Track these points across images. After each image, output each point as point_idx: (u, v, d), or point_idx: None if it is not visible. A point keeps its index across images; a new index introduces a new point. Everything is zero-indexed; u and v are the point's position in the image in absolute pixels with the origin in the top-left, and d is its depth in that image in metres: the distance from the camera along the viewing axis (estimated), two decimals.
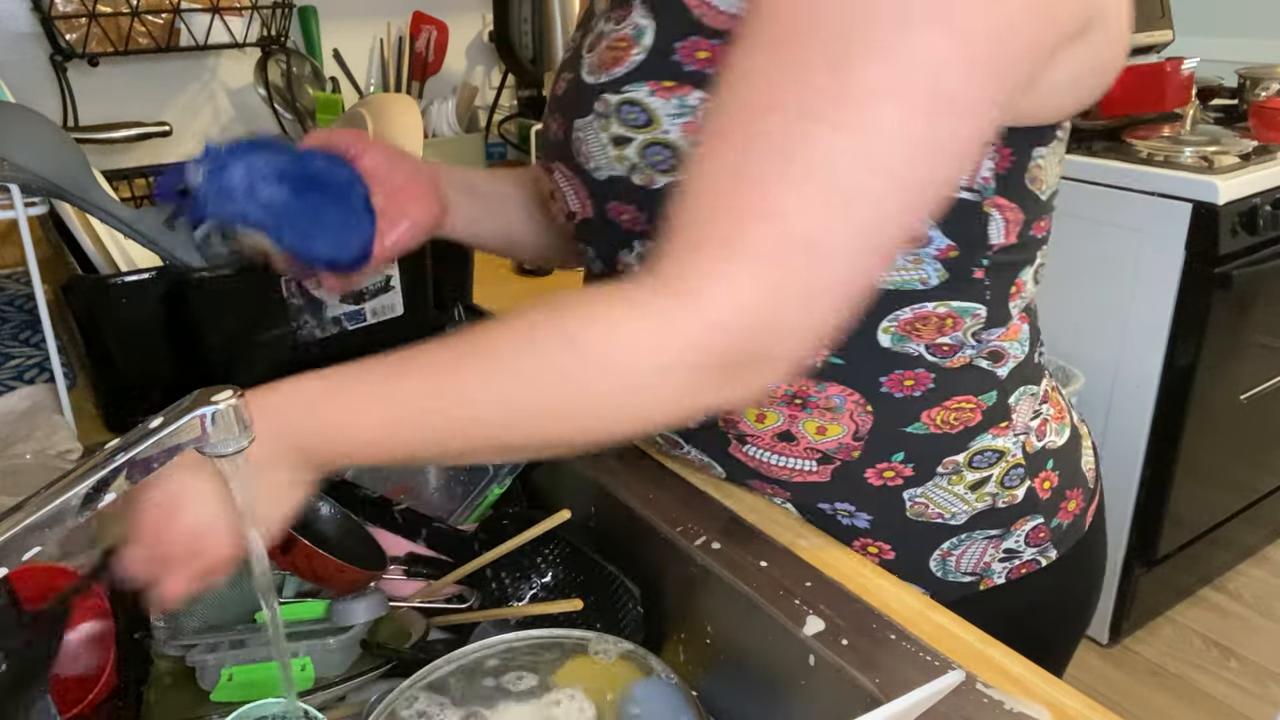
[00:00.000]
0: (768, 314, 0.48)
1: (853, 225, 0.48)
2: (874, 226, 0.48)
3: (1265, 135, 1.88)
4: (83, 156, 0.81)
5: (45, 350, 0.91)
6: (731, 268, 0.48)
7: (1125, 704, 1.88)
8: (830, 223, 0.47)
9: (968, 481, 0.68)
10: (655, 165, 0.61)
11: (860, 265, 0.49)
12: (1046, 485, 0.71)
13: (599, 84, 0.63)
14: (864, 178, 0.47)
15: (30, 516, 0.43)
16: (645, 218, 0.64)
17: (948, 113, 0.47)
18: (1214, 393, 1.83)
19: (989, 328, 0.66)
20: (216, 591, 0.75)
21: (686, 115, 0.59)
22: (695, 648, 0.69)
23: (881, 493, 0.68)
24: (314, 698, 0.65)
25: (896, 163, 0.47)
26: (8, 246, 1.26)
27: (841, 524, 0.70)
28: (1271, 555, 2.27)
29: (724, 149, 0.49)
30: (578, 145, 0.65)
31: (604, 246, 0.70)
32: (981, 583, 0.70)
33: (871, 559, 0.69)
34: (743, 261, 0.47)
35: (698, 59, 0.58)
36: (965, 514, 0.69)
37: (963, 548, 0.69)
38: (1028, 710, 0.53)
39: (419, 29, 1.70)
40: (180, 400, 0.49)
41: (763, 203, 0.47)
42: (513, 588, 0.78)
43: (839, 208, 0.47)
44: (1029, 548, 0.71)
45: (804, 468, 0.69)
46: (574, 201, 0.70)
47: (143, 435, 0.46)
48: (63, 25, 1.37)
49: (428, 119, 1.69)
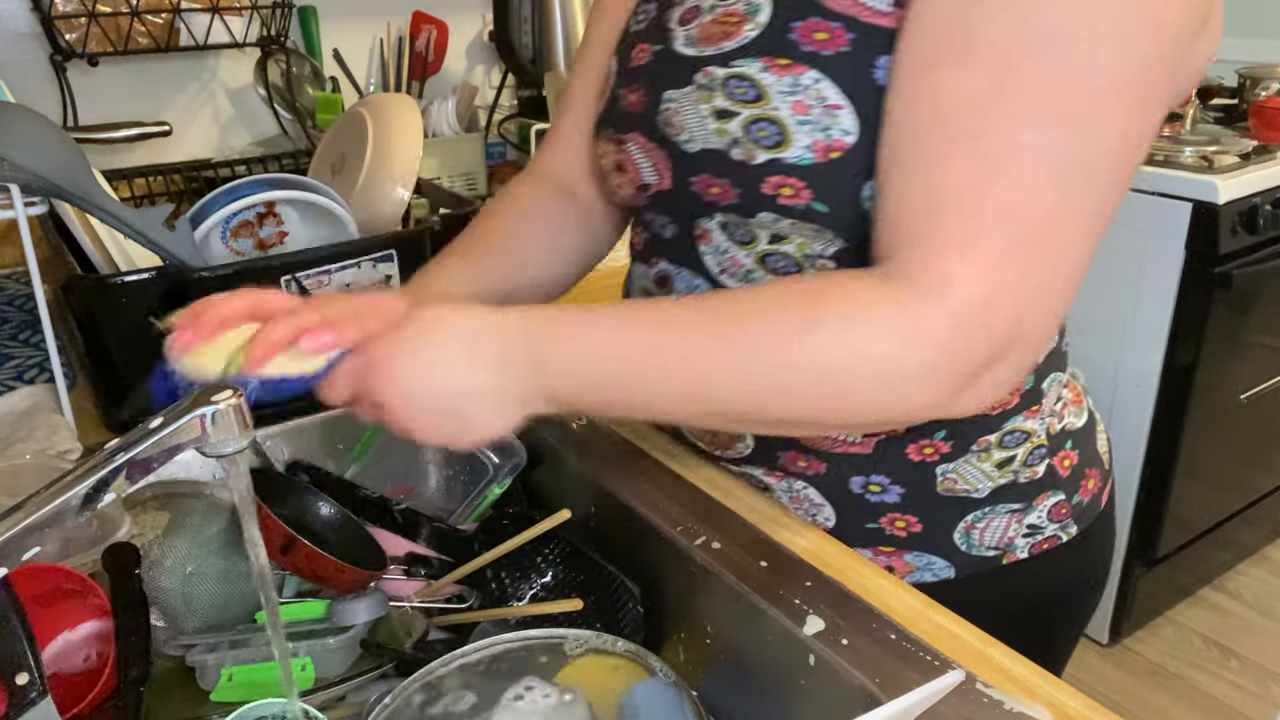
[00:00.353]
0: (1014, 309, 0.51)
1: (1083, 218, 0.51)
2: (1098, 216, 0.52)
3: (1265, 135, 1.88)
4: (83, 156, 0.81)
5: (45, 350, 0.91)
6: (980, 269, 0.50)
7: (1125, 704, 1.88)
8: (1064, 218, 0.51)
9: (995, 460, 0.70)
10: (759, 141, 0.61)
11: (1086, 255, 0.53)
12: (1066, 463, 0.73)
13: (703, 56, 0.63)
14: (1091, 172, 0.51)
15: (30, 516, 0.43)
16: (738, 192, 0.64)
17: (1151, 104, 0.52)
18: (1214, 392, 1.83)
19: None
20: (216, 592, 0.75)
21: (799, 94, 0.59)
22: (695, 648, 0.69)
23: (918, 468, 0.69)
24: (314, 698, 0.65)
25: (1116, 154, 0.51)
26: (8, 246, 1.26)
27: (869, 501, 0.71)
28: (1271, 555, 2.27)
29: (956, 160, 0.51)
30: (667, 117, 0.66)
31: (682, 216, 0.70)
32: (1004, 557, 0.72)
33: (898, 533, 0.71)
34: (990, 262, 0.50)
35: (815, 39, 0.59)
36: (988, 487, 0.70)
37: (986, 521, 0.71)
38: (1028, 710, 0.53)
39: (419, 29, 1.70)
40: (180, 400, 0.49)
41: (1005, 204, 0.50)
42: (513, 588, 0.78)
43: (1072, 203, 0.51)
44: (1051, 523, 0.73)
45: (848, 438, 0.69)
46: (650, 173, 0.69)
47: (143, 435, 0.46)
48: (63, 25, 1.37)
49: (428, 119, 1.69)
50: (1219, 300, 1.71)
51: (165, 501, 0.77)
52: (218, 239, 0.94)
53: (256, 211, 0.95)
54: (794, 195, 0.61)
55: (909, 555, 0.72)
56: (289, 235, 0.99)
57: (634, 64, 0.70)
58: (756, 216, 0.64)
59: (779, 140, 0.60)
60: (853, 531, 0.72)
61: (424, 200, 1.20)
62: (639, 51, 0.70)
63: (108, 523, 0.73)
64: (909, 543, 0.71)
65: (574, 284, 0.87)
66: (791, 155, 0.60)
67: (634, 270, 0.79)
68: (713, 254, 0.69)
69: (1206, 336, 1.73)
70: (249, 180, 0.96)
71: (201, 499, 0.78)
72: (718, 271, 0.69)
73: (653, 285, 0.75)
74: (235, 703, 0.61)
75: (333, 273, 0.93)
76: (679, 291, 0.73)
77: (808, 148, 0.59)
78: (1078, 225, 0.52)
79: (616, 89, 0.72)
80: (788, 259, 0.65)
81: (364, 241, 0.96)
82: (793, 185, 0.61)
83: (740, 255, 0.67)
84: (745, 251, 0.67)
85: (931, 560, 0.72)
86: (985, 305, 0.50)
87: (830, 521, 0.72)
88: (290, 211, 0.98)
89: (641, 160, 0.70)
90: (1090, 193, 0.51)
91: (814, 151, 0.59)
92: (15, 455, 0.80)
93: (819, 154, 0.59)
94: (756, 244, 0.66)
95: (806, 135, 0.59)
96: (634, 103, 0.69)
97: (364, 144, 1.10)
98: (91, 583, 0.67)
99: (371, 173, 1.08)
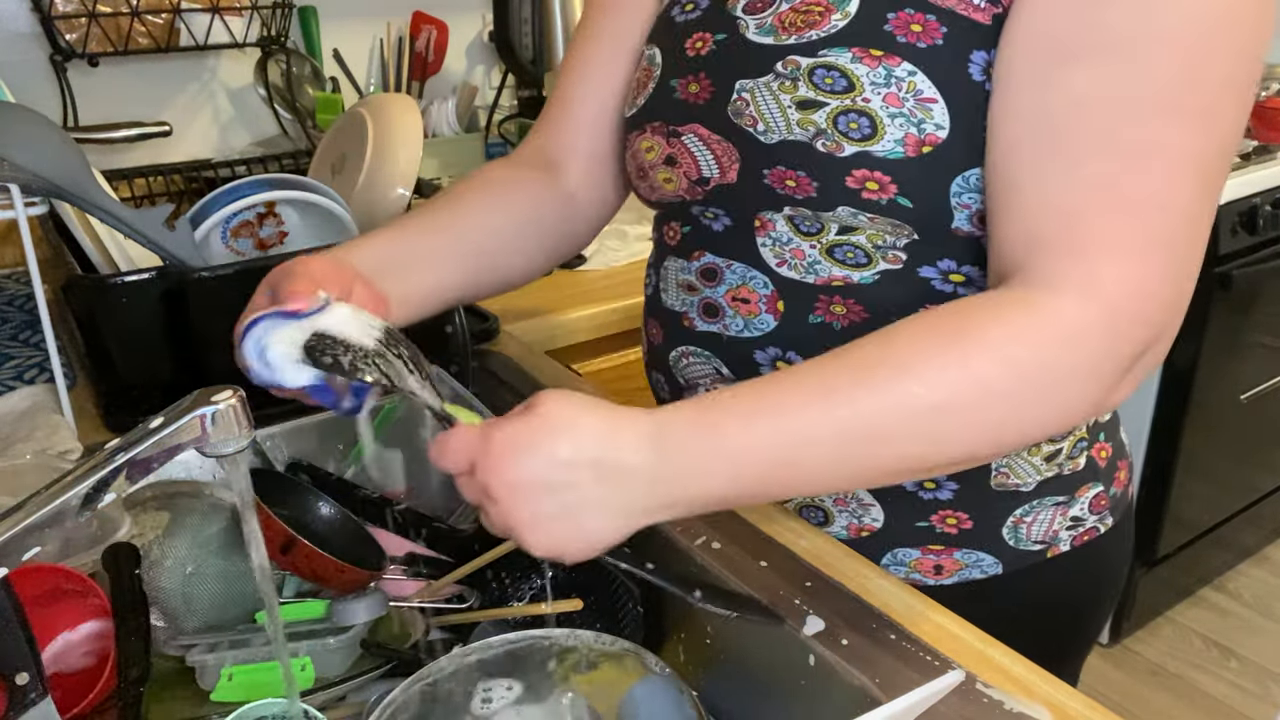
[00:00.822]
0: (1164, 298, 0.53)
1: (1212, 204, 0.54)
2: (1216, 201, 0.55)
3: (1265, 135, 1.88)
4: (83, 156, 0.81)
5: (45, 350, 0.92)
6: (1129, 262, 0.52)
7: (1125, 704, 1.88)
8: (1200, 208, 0.53)
9: (1045, 452, 0.70)
10: (848, 133, 0.60)
11: (1208, 237, 0.55)
12: (1103, 454, 0.74)
13: (784, 45, 0.62)
14: (1218, 160, 0.53)
15: (30, 516, 0.43)
16: (817, 185, 0.62)
17: (1250, 98, 0.55)
18: (1214, 392, 1.83)
19: None
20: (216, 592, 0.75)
21: (892, 86, 0.59)
22: (695, 648, 0.69)
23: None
24: (314, 698, 0.65)
25: (1230, 145, 0.54)
26: (8, 246, 1.26)
27: (922, 499, 0.70)
28: (1271, 555, 2.27)
29: (1093, 158, 0.53)
30: (739, 107, 0.64)
31: (743, 209, 0.68)
32: (1049, 550, 0.72)
33: (949, 530, 0.71)
34: (1138, 254, 0.52)
35: (911, 31, 0.59)
36: (1035, 480, 0.70)
37: (1033, 514, 0.71)
38: (1028, 710, 0.53)
39: (419, 29, 1.70)
40: (180, 400, 0.49)
41: (1149, 196, 0.52)
42: (513, 588, 0.78)
43: (1205, 193, 0.53)
44: (1092, 515, 0.73)
45: None
46: (710, 166, 0.68)
47: (143, 435, 0.46)
48: (63, 25, 1.37)
49: (428, 119, 1.69)
50: (1219, 300, 1.71)
51: (165, 501, 0.77)
52: (218, 239, 0.94)
53: (256, 211, 0.95)
54: (879, 190, 0.60)
55: (959, 553, 0.71)
56: (289, 235, 0.99)
57: (692, 53, 0.69)
58: (834, 210, 0.63)
59: (869, 133, 0.59)
60: (902, 531, 0.71)
61: (424, 200, 1.20)
62: (697, 40, 0.69)
63: (108, 523, 0.73)
64: (959, 540, 0.71)
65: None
66: (882, 149, 0.59)
67: (668, 264, 0.76)
68: (772, 245, 0.67)
69: (1206, 336, 1.73)
70: (249, 180, 0.96)
71: (201, 499, 0.78)
72: (776, 264, 0.67)
73: (697, 279, 0.73)
74: (235, 703, 0.61)
75: None
76: (729, 285, 0.70)
77: (899, 141, 0.59)
78: (1209, 214, 0.54)
79: (668, 79, 0.71)
80: (858, 250, 0.64)
81: None
82: (879, 180, 0.60)
83: (804, 246, 0.66)
84: (810, 243, 0.65)
85: (981, 557, 0.71)
86: (1139, 297, 0.52)
87: (878, 522, 0.72)
88: (290, 211, 0.98)
89: (701, 152, 0.68)
90: (1217, 181, 0.54)
91: (905, 146, 0.59)
92: (15, 455, 0.80)
93: (910, 148, 0.59)
94: (825, 233, 0.65)
95: (899, 129, 0.58)
96: (696, 93, 0.68)
97: (364, 144, 1.10)
98: (91, 583, 0.67)
99: (371, 173, 1.08)
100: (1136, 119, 0.52)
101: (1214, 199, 0.55)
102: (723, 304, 0.71)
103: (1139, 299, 0.52)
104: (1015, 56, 0.56)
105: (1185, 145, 0.52)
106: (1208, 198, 0.54)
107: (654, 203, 0.77)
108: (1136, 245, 0.52)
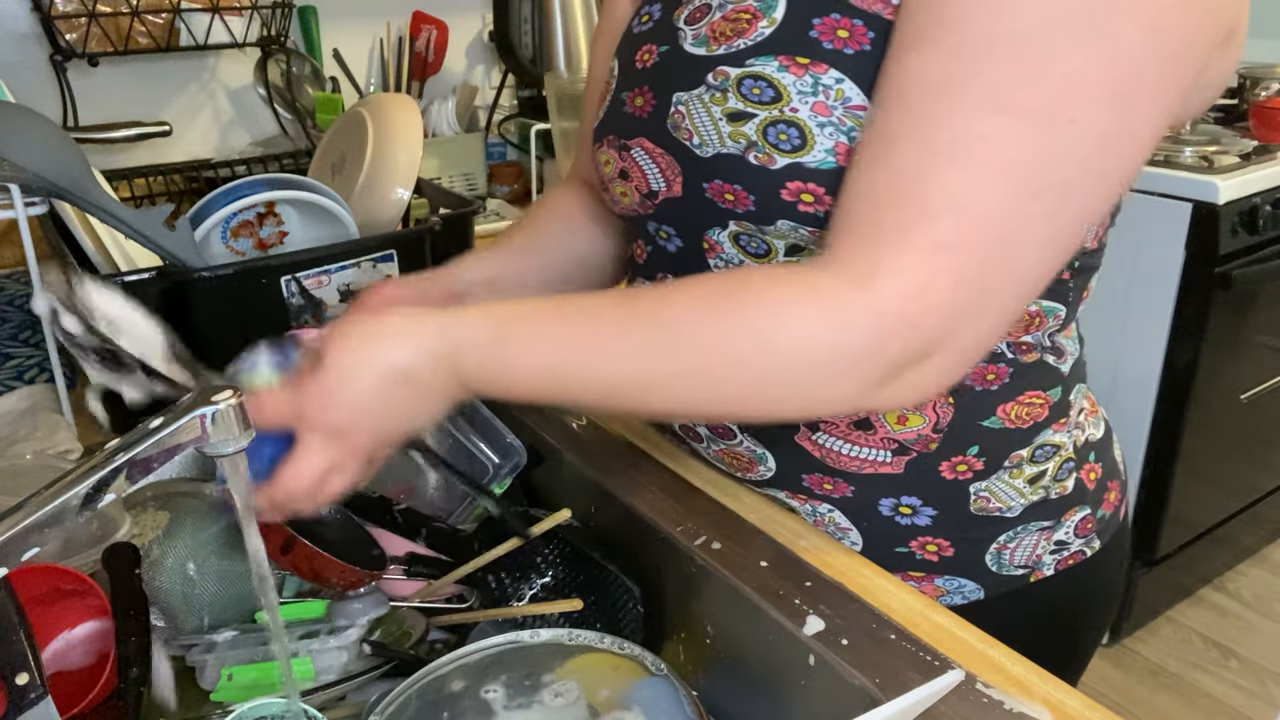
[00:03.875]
0: (945, 305, 0.49)
1: (1039, 220, 0.49)
2: (1060, 217, 0.49)
3: (1265, 135, 1.88)
4: (83, 156, 0.81)
5: (45, 350, 0.92)
6: (912, 259, 0.49)
7: (1125, 704, 1.88)
8: (1014, 216, 0.48)
9: (1027, 475, 0.69)
10: (778, 145, 0.58)
11: (1044, 257, 0.50)
12: (1092, 476, 0.72)
13: (714, 56, 0.61)
14: (1053, 169, 0.48)
15: (30, 516, 0.43)
16: (754, 199, 0.61)
17: (1136, 107, 0.48)
18: (1214, 392, 1.83)
19: (1064, 327, 0.67)
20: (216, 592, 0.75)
21: (820, 94, 0.57)
22: (695, 648, 0.69)
23: (952, 486, 0.68)
24: (314, 698, 0.65)
25: (1087, 154, 0.48)
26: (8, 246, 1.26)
27: (899, 524, 0.69)
28: (1271, 555, 2.27)
29: (904, 145, 0.50)
30: (677, 120, 0.63)
31: (691, 226, 0.67)
32: (1032, 575, 0.71)
33: (929, 557, 0.69)
34: (923, 253, 0.49)
35: (838, 38, 0.57)
36: (1020, 506, 0.69)
37: (1017, 540, 0.70)
38: (1028, 710, 0.53)
39: (419, 29, 1.70)
40: (180, 400, 0.49)
41: (947, 195, 0.48)
42: (513, 588, 0.78)
43: (1026, 202, 0.48)
44: (1077, 539, 0.72)
45: (878, 458, 0.67)
46: (658, 180, 0.67)
47: (143, 435, 0.46)
48: (63, 25, 1.37)
49: (428, 119, 1.69)
50: (1219, 300, 1.71)
51: (165, 501, 0.77)
52: (218, 239, 0.94)
53: (256, 211, 0.95)
54: (815, 202, 0.58)
55: (940, 580, 0.70)
56: (289, 235, 0.99)
57: (639, 65, 0.68)
58: (775, 225, 0.61)
59: (800, 144, 0.57)
60: (880, 556, 0.69)
61: (424, 200, 1.20)
62: (644, 53, 0.68)
63: (108, 523, 0.73)
64: (940, 567, 0.70)
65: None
66: (813, 159, 0.57)
67: (638, 282, 0.76)
68: (724, 268, 0.66)
69: (1206, 336, 1.73)
70: (249, 180, 0.96)
71: (201, 499, 0.78)
72: None
73: None
74: (235, 703, 0.61)
75: (333, 273, 0.93)
76: None
77: (830, 151, 0.57)
78: (1031, 227, 0.49)
79: (620, 92, 0.70)
80: None
81: (364, 241, 0.96)
82: (813, 191, 0.58)
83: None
84: (760, 265, 0.64)
85: (963, 584, 0.70)
86: (912, 297, 0.48)
87: (857, 546, 0.70)
88: (290, 211, 0.98)
89: (648, 166, 0.67)
90: (1052, 194, 0.48)
91: (837, 155, 0.57)
92: (15, 455, 0.80)
93: (842, 158, 0.56)
94: (773, 255, 0.63)
95: (829, 138, 0.57)
96: (640, 106, 0.67)
97: (364, 144, 1.10)
98: (91, 583, 0.67)
99: (371, 173, 1.08)
100: (954, 111, 0.49)
101: (1047, 215, 0.49)
102: None
103: (913, 300, 0.49)
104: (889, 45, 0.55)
105: (1006, 148, 0.48)
106: (1034, 212, 0.48)
107: (619, 217, 0.77)
108: (922, 244, 0.48)
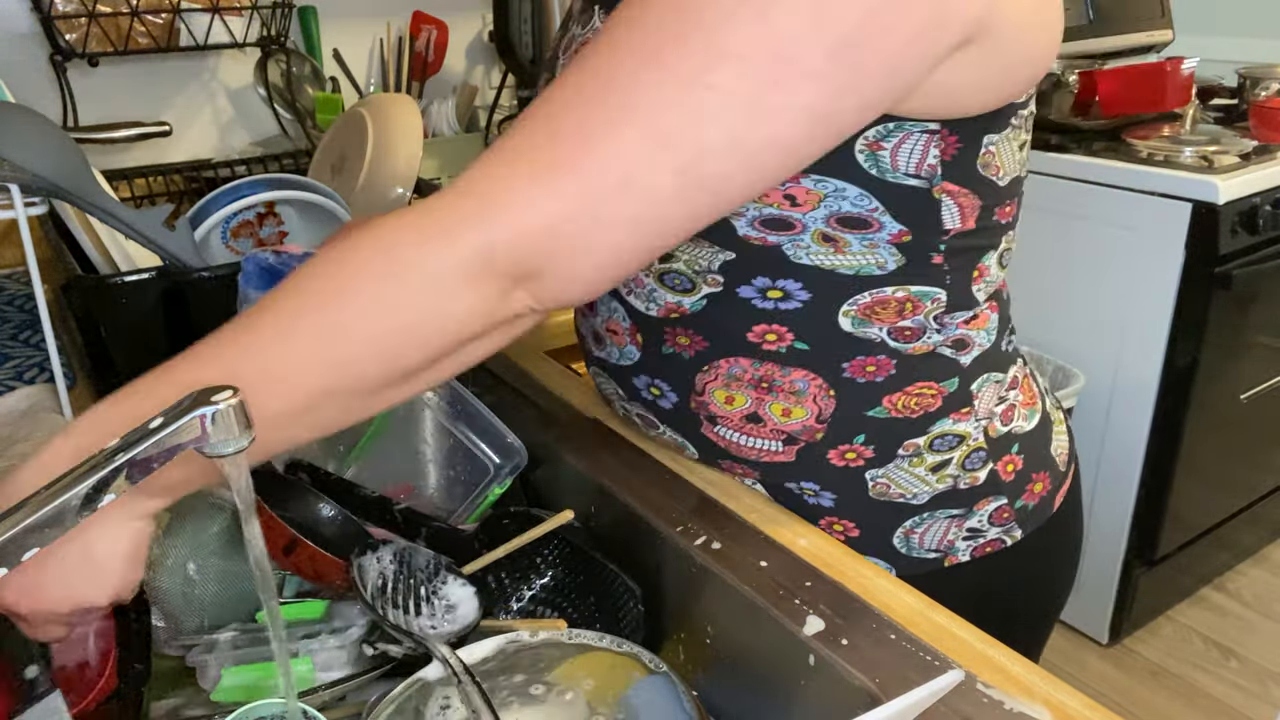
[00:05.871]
0: (557, 230, 0.50)
1: (670, 168, 0.49)
2: (696, 174, 0.50)
3: (1265, 135, 1.88)
4: (83, 156, 0.81)
5: (45, 350, 0.92)
6: (532, 184, 0.49)
7: (1125, 704, 1.88)
8: (642, 159, 0.49)
9: (928, 464, 0.70)
10: None
11: (675, 207, 0.51)
12: (1010, 468, 0.73)
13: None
14: (692, 128, 0.48)
15: (30, 516, 0.43)
16: None
17: (796, 84, 0.48)
18: (1214, 393, 1.83)
19: (950, 311, 0.67)
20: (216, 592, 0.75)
21: None
22: (695, 648, 0.69)
23: (844, 473, 0.70)
24: (314, 698, 0.65)
25: (734, 120, 0.48)
26: (8, 246, 1.26)
27: (808, 503, 0.72)
28: (1271, 555, 2.27)
29: (565, 83, 0.51)
30: None
31: None
32: (946, 560, 0.72)
33: (837, 536, 0.71)
34: (545, 179, 0.49)
35: None
36: (927, 494, 0.70)
37: (925, 526, 0.71)
38: (1028, 710, 0.53)
39: (419, 29, 1.70)
40: (180, 400, 0.49)
41: (581, 130, 0.49)
42: (513, 588, 0.78)
43: (655, 148, 0.49)
44: (993, 527, 0.72)
45: (771, 448, 0.71)
46: None
47: (143, 435, 0.46)
48: (63, 25, 1.37)
49: (428, 119, 1.69)
50: (1219, 300, 1.71)
51: None
52: (218, 239, 0.94)
53: (256, 211, 0.95)
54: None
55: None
56: (289, 235, 0.99)
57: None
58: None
59: None
60: None
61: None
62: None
63: None
64: (851, 545, 0.71)
65: None
66: None
67: None
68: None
69: (1206, 336, 1.73)
70: (249, 180, 0.96)
71: (201, 499, 0.78)
72: (625, 294, 0.72)
73: (585, 308, 0.78)
74: (235, 703, 0.61)
75: None
76: (602, 315, 0.75)
77: None
78: (656, 175, 0.49)
79: None
80: (681, 276, 0.67)
81: None
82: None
83: (642, 274, 0.69)
84: (644, 270, 0.69)
85: (876, 561, 0.71)
86: (532, 219, 0.49)
87: None
88: (290, 211, 0.98)
89: None
90: (687, 147, 0.49)
91: None
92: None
93: None
94: (651, 263, 0.67)
95: None
96: None
97: (364, 144, 1.10)
98: None
99: (371, 173, 1.09)
100: (599, 57, 0.50)
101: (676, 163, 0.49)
102: (602, 333, 0.76)
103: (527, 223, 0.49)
104: None
105: (651, 99, 0.48)
106: (660, 156, 0.49)
107: None
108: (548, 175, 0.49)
